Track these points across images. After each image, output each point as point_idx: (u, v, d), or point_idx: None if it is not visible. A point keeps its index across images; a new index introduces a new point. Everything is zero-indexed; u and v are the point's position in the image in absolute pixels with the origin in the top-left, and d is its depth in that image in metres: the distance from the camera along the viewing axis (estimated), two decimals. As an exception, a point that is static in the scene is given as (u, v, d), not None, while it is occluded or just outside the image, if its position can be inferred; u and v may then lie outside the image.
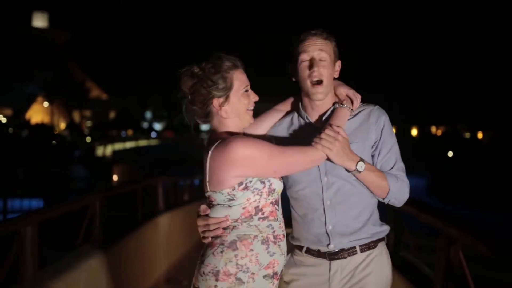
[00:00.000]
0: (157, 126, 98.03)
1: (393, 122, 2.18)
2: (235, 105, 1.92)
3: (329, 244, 2.07)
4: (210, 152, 1.85)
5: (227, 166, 1.80)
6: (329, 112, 2.11)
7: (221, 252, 1.81)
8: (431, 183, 41.58)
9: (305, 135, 2.08)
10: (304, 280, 2.13)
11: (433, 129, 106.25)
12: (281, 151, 1.86)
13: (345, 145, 1.91)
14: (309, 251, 2.13)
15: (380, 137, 2.08)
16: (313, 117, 2.14)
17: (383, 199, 2.06)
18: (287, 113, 2.28)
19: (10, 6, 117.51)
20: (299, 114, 2.18)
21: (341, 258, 2.06)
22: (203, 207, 1.92)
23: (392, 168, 2.06)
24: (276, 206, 1.92)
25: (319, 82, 2.03)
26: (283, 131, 2.22)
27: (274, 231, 1.88)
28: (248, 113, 1.96)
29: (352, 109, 2.07)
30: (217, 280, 1.78)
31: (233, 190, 1.82)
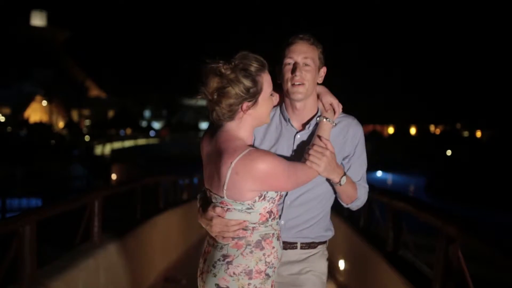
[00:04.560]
0: (156, 125, 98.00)
1: (392, 121, 2.24)
2: (261, 109, 1.90)
3: None
4: (233, 164, 1.79)
5: (252, 182, 1.80)
6: (312, 122, 2.15)
7: (250, 252, 1.89)
8: (429, 182, 41.61)
9: (284, 138, 2.17)
10: None
11: (432, 128, 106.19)
12: (295, 170, 1.90)
13: (332, 159, 1.98)
14: None
15: (354, 152, 2.19)
16: (293, 120, 2.18)
17: (346, 204, 2.20)
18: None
19: (8, 5, 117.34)
20: (282, 114, 2.21)
21: (284, 249, 2.18)
22: (219, 210, 1.89)
23: (359, 180, 2.19)
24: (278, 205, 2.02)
25: (300, 84, 2.08)
26: (264, 126, 2.21)
27: (280, 227, 2.00)
28: (268, 115, 1.97)
29: (333, 122, 2.11)
30: (250, 278, 1.87)
31: (253, 202, 1.86)
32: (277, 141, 2.18)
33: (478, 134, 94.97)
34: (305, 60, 2.08)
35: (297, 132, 2.16)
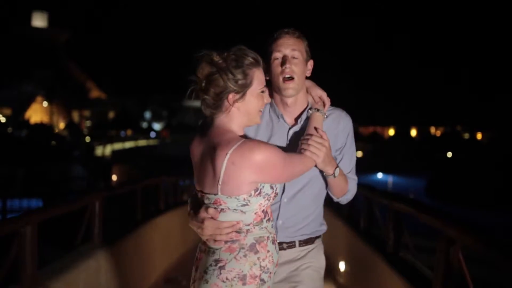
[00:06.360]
0: (156, 126, 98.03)
1: (393, 123, 2.25)
2: (248, 104, 1.86)
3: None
4: (228, 154, 1.74)
5: (250, 171, 1.73)
6: (304, 116, 2.16)
7: (244, 256, 1.79)
8: (430, 184, 41.64)
9: (277, 134, 2.16)
10: None
11: (433, 130, 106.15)
12: (291, 159, 1.87)
13: (329, 151, 2.00)
14: None
15: (345, 143, 2.21)
16: (286, 115, 2.18)
17: (337, 198, 2.21)
18: None
19: (9, 5, 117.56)
20: (274, 111, 2.19)
21: (281, 249, 2.16)
22: (211, 210, 1.82)
23: (349, 172, 2.22)
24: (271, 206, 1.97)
25: (290, 78, 2.08)
26: (254, 126, 2.17)
27: (277, 228, 1.99)
28: (258, 114, 1.91)
29: (325, 113, 2.13)
30: (244, 284, 1.77)
31: (249, 196, 1.78)
32: (269, 138, 2.17)
33: (479, 136, 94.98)
34: (293, 52, 2.08)
35: (290, 128, 2.16)
